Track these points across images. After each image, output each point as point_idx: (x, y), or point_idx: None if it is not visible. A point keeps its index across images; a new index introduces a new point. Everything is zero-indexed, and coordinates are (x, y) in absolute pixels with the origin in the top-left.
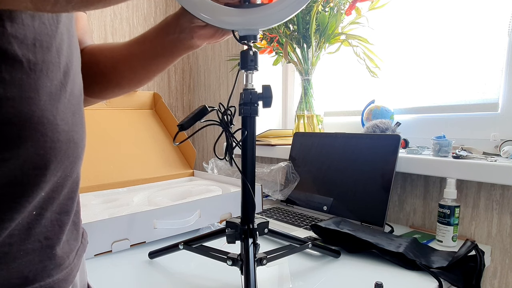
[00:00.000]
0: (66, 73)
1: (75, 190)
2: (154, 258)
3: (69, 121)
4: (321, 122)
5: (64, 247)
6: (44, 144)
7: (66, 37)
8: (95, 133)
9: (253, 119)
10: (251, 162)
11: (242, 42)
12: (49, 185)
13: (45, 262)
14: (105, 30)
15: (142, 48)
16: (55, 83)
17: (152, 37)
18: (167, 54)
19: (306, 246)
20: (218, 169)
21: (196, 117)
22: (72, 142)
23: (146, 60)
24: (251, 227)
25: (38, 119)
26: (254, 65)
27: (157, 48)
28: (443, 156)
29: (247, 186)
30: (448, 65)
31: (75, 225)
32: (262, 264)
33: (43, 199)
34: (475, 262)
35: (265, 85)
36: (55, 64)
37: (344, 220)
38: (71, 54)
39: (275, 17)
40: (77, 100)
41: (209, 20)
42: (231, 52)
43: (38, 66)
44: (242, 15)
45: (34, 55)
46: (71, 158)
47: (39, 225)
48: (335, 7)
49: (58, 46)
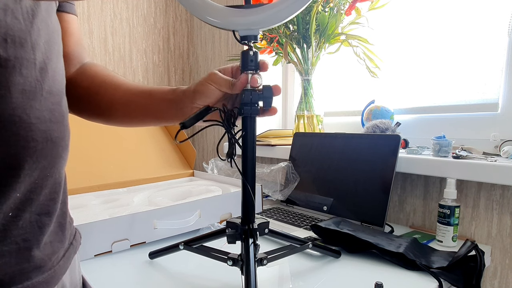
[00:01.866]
0: (43, 69)
1: (58, 191)
2: (154, 259)
3: (46, 120)
4: (321, 122)
5: (46, 249)
6: (16, 143)
7: (45, 33)
8: (95, 133)
9: (253, 119)
10: (251, 162)
11: (242, 42)
12: (24, 185)
13: (23, 264)
14: (105, 30)
15: (144, 102)
16: (29, 80)
17: (158, 99)
18: (164, 118)
19: (306, 246)
20: (218, 169)
21: (198, 117)
22: (50, 141)
23: (144, 113)
24: (251, 227)
25: (9, 117)
26: (255, 65)
27: (158, 109)
28: (443, 156)
29: (247, 187)
30: (448, 65)
31: (61, 227)
32: (262, 264)
33: (19, 200)
34: (475, 262)
35: (265, 86)
36: (29, 61)
37: (344, 220)
38: (50, 51)
39: (275, 18)
40: (57, 98)
41: (211, 22)
42: (231, 52)
43: (9, 63)
44: (243, 16)
45: (5, 51)
46: (50, 158)
47: (15, 227)
48: (335, 7)
49: (34, 42)
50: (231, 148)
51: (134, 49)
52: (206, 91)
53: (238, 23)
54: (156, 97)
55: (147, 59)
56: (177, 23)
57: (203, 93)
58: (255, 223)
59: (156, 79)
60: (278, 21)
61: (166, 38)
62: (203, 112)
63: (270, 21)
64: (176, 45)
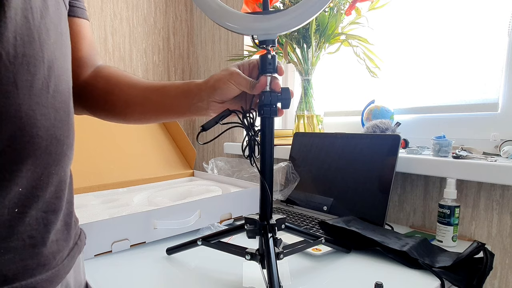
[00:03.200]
0: (51, 68)
1: (63, 189)
2: (171, 254)
3: (51, 117)
4: (321, 122)
5: (51, 247)
6: (21, 138)
7: (53, 33)
8: (96, 133)
9: (271, 120)
10: (270, 161)
11: (261, 46)
12: (26, 180)
13: (27, 261)
14: (105, 30)
15: (159, 99)
16: (37, 77)
17: (172, 94)
18: (179, 113)
19: (319, 242)
20: (218, 169)
21: (218, 120)
22: (54, 138)
23: (159, 110)
24: (270, 223)
25: (15, 112)
26: (273, 68)
27: (173, 105)
28: (443, 156)
29: (265, 185)
30: (448, 65)
31: (67, 226)
32: (279, 259)
33: (24, 196)
34: (482, 264)
35: (284, 87)
36: (37, 59)
37: (355, 218)
38: (58, 50)
39: (292, 23)
40: (63, 97)
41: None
42: (231, 52)
43: (18, 60)
44: (261, 21)
45: (14, 48)
46: (54, 155)
47: (22, 223)
48: (335, 7)
49: (42, 41)
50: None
51: (134, 49)
52: (226, 89)
53: (257, 28)
54: (170, 93)
55: (147, 59)
56: (177, 23)
57: (223, 90)
58: (273, 219)
59: (156, 79)
60: (294, 26)
61: (166, 38)
62: (224, 115)
63: (287, 26)
64: (176, 45)
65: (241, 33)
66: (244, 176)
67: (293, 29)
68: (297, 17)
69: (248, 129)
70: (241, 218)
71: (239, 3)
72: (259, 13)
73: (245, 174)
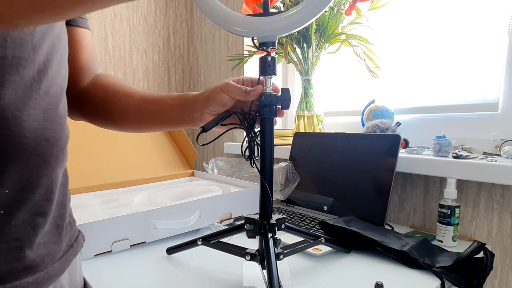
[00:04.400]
0: (42, 71)
1: (53, 191)
2: (171, 254)
3: (40, 118)
4: (321, 122)
5: (39, 250)
6: (7, 138)
7: (50, 37)
8: (96, 133)
9: (271, 120)
10: (269, 162)
11: (261, 48)
12: (13, 182)
13: (13, 263)
14: (105, 30)
15: (155, 109)
16: (25, 79)
17: (168, 105)
18: (174, 123)
19: (319, 242)
20: (218, 169)
21: (218, 121)
22: (43, 140)
23: (155, 120)
24: (270, 223)
25: (1, 112)
26: (272, 70)
27: (168, 115)
28: (443, 156)
29: (265, 185)
30: (448, 65)
31: (58, 228)
32: (279, 259)
33: (11, 197)
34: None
35: (284, 88)
36: (28, 61)
37: (355, 218)
38: (52, 54)
39: (291, 25)
40: (54, 99)
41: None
42: (231, 52)
43: (7, 61)
44: (261, 23)
45: (4, 50)
46: (44, 157)
47: (8, 225)
48: (335, 7)
49: (35, 44)
50: (251, 149)
51: (134, 49)
52: (219, 99)
53: (257, 30)
54: (166, 103)
55: (147, 59)
56: (177, 23)
57: (215, 100)
58: (273, 219)
59: (156, 79)
60: (294, 28)
61: (166, 38)
62: (224, 117)
63: (287, 29)
64: (176, 45)
65: (241, 35)
66: (244, 176)
67: (293, 31)
68: (298, 20)
69: (248, 130)
70: (241, 218)
71: (239, 3)
72: (259, 15)
73: (245, 174)
